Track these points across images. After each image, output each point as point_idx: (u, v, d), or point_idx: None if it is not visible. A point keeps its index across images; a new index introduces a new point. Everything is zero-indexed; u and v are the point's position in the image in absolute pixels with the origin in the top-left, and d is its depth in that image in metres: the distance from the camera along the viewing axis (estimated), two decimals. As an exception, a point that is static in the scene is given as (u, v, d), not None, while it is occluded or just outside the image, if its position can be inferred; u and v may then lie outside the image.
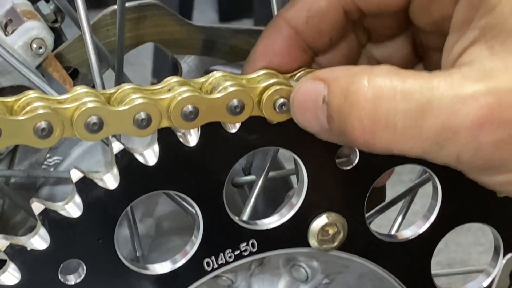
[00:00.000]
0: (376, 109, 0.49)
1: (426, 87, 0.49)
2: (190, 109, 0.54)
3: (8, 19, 0.71)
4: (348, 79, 0.51)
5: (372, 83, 0.50)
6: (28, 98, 0.52)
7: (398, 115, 0.49)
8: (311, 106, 0.53)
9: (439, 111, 0.48)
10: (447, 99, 0.48)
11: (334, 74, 0.52)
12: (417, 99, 0.49)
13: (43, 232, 0.55)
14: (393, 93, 0.49)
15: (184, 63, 0.79)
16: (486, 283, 0.68)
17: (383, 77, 0.50)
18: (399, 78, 0.49)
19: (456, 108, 0.48)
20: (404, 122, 0.49)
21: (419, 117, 0.49)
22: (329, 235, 0.61)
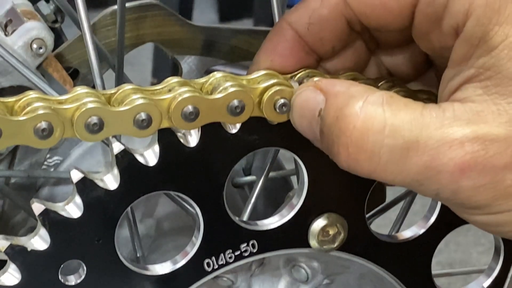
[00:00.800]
0: (363, 139, 0.50)
1: (416, 124, 0.50)
2: (191, 109, 0.54)
3: (8, 19, 0.71)
4: (344, 100, 0.51)
5: (365, 111, 0.50)
6: (28, 98, 0.52)
7: (383, 149, 0.50)
8: (308, 115, 0.54)
9: (424, 151, 0.49)
10: (434, 140, 0.49)
11: (335, 89, 0.53)
12: (404, 136, 0.50)
13: (43, 233, 0.55)
14: (383, 126, 0.50)
15: (184, 63, 0.79)
16: (486, 284, 0.68)
17: (377, 106, 0.50)
18: (392, 111, 0.50)
19: (441, 151, 0.49)
20: (389, 157, 0.50)
21: (403, 154, 0.50)
22: (330, 235, 0.61)
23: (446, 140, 0.49)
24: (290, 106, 0.55)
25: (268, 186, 0.78)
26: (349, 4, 0.55)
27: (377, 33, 0.59)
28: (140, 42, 0.76)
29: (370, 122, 0.50)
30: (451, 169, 0.49)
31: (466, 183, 0.49)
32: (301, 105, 0.54)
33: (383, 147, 0.50)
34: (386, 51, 0.60)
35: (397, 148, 0.50)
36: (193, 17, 2.61)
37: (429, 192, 0.51)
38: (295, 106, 0.55)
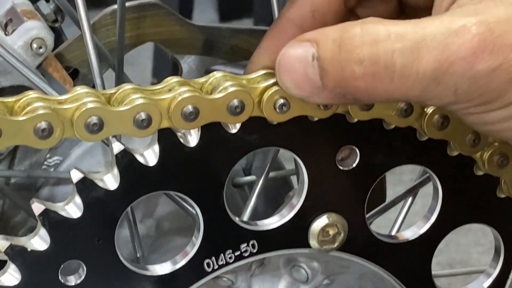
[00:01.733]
0: (374, 51, 0.50)
1: (419, 27, 0.50)
2: (191, 109, 0.54)
3: (8, 19, 0.71)
4: (339, 30, 0.51)
5: (366, 29, 0.50)
6: (28, 98, 0.52)
7: (395, 54, 0.50)
8: (299, 66, 0.52)
9: (433, 46, 0.49)
10: (440, 33, 0.49)
11: (320, 32, 0.52)
12: (411, 38, 0.50)
13: (43, 233, 0.55)
14: (388, 34, 0.50)
15: (184, 63, 0.79)
16: (486, 284, 0.68)
17: (375, 23, 0.51)
18: (391, 22, 0.51)
19: (450, 41, 0.49)
20: (402, 60, 0.50)
21: (415, 55, 0.50)
22: (330, 235, 0.61)
23: (452, 30, 0.49)
24: (276, 70, 0.53)
25: (268, 186, 0.78)
26: None
27: None
28: (140, 42, 0.76)
29: (376, 34, 0.50)
30: (463, 55, 0.49)
31: (481, 66, 0.49)
32: (289, 60, 0.52)
33: (395, 53, 0.50)
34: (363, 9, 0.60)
35: (407, 50, 0.50)
36: (193, 16, 2.61)
37: (448, 92, 0.50)
38: (281, 65, 0.53)
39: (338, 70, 0.50)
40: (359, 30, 0.50)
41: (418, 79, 0.50)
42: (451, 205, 0.64)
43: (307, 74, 0.52)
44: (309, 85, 0.52)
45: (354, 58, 0.50)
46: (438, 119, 0.59)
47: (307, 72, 0.52)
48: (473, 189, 0.64)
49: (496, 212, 0.66)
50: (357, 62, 0.50)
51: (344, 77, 0.50)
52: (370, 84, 0.50)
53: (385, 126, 0.59)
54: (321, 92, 0.52)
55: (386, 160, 0.61)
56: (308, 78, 0.52)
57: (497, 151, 0.62)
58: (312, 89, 0.52)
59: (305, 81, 0.52)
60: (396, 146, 0.61)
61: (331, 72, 0.51)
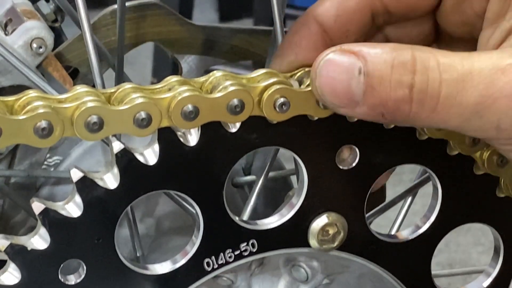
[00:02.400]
0: (424, 79, 0.51)
1: (467, 60, 0.51)
2: (190, 108, 0.54)
3: (8, 19, 0.71)
4: (390, 52, 0.52)
5: (418, 56, 0.51)
6: (28, 97, 0.52)
7: (442, 84, 0.51)
8: (343, 77, 0.52)
9: (479, 80, 0.50)
10: (487, 69, 0.50)
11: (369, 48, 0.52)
12: (458, 70, 0.51)
13: (43, 232, 0.55)
14: (437, 65, 0.51)
15: (184, 62, 0.79)
16: (486, 284, 0.68)
17: (426, 51, 0.52)
18: (440, 53, 0.52)
19: (495, 78, 0.50)
20: (447, 91, 0.51)
21: (460, 87, 0.51)
22: (329, 235, 0.61)
23: (499, 67, 0.50)
24: (315, 74, 0.53)
25: (268, 186, 0.78)
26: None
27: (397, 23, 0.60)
28: (140, 42, 0.76)
29: (427, 62, 0.51)
30: (508, 93, 0.50)
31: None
32: (333, 68, 0.52)
33: (442, 83, 0.51)
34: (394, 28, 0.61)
35: (453, 81, 0.51)
36: (193, 16, 2.61)
37: (490, 126, 0.51)
38: (324, 71, 0.53)
39: (387, 90, 0.51)
40: (410, 56, 0.51)
41: (460, 111, 0.51)
42: (450, 205, 0.64)
43: (350, 86, 0.52)
44: (348, 97, 0.52)
45: (405, 82, 0.51)
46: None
47: (351, 84, 0.52)
48: (472, 188, 0.64)
49: (496, 211, 0.66)
50: (408, 87, 0.51)
51: (391, 98, 0.51)
52: (414, 109, 0.51)
53: (385, 126, 0.59)
54: (358, 107, 0.52)
55: (385, 159, 0.61)
56: (350, 90, 0.52)
57: (497, 150, 0.62)
58: (349, 102, 0.52)
59: (345, 93, 0.52)
60: (395, 145, 0.61)
61: (379, 91, 0.51)
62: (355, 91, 0.52)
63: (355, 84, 0.52)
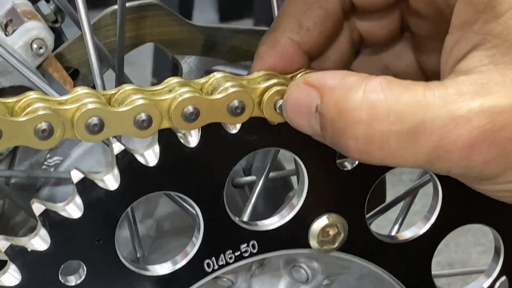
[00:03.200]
0: (370, 131, 0.50)
1: (420, 106, 0.49)
2: (191, 110, 0.54)
3: (9, 19, 0.71)
4: (342, 93, 0.51)
5: (367, 102, 0.50)
6: (28, 99, 0.52)
7: (391, 136, 0.50)
8: (303, 112, 0.53)
9: (431, 131, 0.49)
10: (440, 119, 0.49)
11: (327, 83, 0.52)
12: (410, 120, 0.49)
13: (43, 233, 0.55)
14: (387, 113, 0.50)
15: (184, 63, 0.79)
16: (486, 284, 0.68)
17: (378, 93, 0.50)
18: (393, 96, 0.50)
19: (449, 130, 0.49)
20: (398, 143, 0.50)
21: (411, 138, 0.49)
22: (330, 236, 0.61)
23: (452, 117, 0.49)
24: (283, 106, 0.54)
25: (268, 186, 0.78)
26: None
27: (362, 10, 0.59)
28: (140, 42, 0.76)
29: (375, 111, 0.50)
30: (460, 146, 0.49)
31: (477, 158, 0.49)
32: (294, 104, 0.54)
33: (391, 134, 0.50)
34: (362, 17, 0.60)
35: (404, 133, 0.49)
36: (193, 17, 2.61)
37: (441, 170, 0.51)
38: (288, 105, 0.54)
39: (336, 135, 0.51)
40: (359, 100, 0.50)
41: (413, 160, 0.50)
42: (451, 206, 0.64)
43: (310, 121, 0.53)
44: (310, 130, 0.53)
45: (350, 134, 0.50)
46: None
47: (310, 120, 0.53)
48: (472, 189, 0.64)
49: (496, 212, 0.66)
50: (352, 138, 0.50)
51: (339, 143, 0.51)
52: (364, 156, 0.51)
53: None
54: (321, 138, 0.53)
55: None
56: (311, 125, 0.53)
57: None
58: (313, 133, 0.53)
59: (307, 127, 0.53)
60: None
61: (329, 132, 0.52)
62: (315, 127, 0.53)
63: (313, 121, 0.52)
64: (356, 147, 0.51)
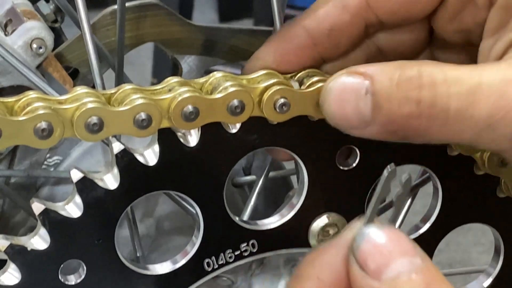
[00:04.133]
0: (432, 94, 0.50)
1: (475, 73, 0.50)
2: (191, 109, 0.54)
3: (8, 19, 0.71)
4: (397, 69, 0.51)
5: (424, 71, 0.51)
6: (28, 98, 0.52)
7: (451, 98, 0.50)
8: (351, 98, 0.52)
9: (489, 93, 0.49)
10: (497, 81, 0.50)
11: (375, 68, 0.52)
12: (466, 83, 0.50)
13: (43, 232, 0.55)
14: (445, 79, 0.50)
15: (184, 63, 0.79)
16: (486, 283, 0.68)
17: (433, 66, 0.51)
18: (448, 67, 0.51)
19: (506, 90, 0.49)
20: (457, 104, 0.50)
21: (470, 99, 0.50)
22: (330, 235, 0.61)
23: (509, 78, 0.49)
24: (324, 96, 0.53)
25: (268, 186, 0.78)
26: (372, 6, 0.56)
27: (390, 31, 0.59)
28: (140, 42, 0.76)
29: (434, 77, 0.50)
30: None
31: None
32: (341, 90, 0.52)
33: (451, 97, 0.50)
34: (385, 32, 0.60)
35: (463, 95, 0.50)
36: (193, 17, 2.61)
37: (503, 139, 0.51)
38: (333, 93, 0.53)
39: (395, 107, 0.51)
40: (417, 71, 0.50)
41: (472, 124, 0.50)
42: (451, 205, 0.64)
43: (358, 106, 0.52)
44: (357, 118, 0.52)
45: (412, 98, 0.50)
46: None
47: (359, 104, 0.52)
48: (473, 189, 0.64)
49: (496, 212, 0.66)
50: (415, 103, 0.50)
51: (399, 115, 0.51)
52: (424, 124, 0.51)
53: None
54: (369, 126, 0.52)
55: (386, 159, 0.61)
56: (359, 111, 0.52)
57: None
58: (360, 122, 0.52)
59: (355, 114, 0.52)
60: (396, 146, 0.60)
61: (386, 108, 0.51)
62: (364, 111, 0.52)
63: (363, 104, 0.51)
64: (418, 112, 0.50)
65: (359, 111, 0.52)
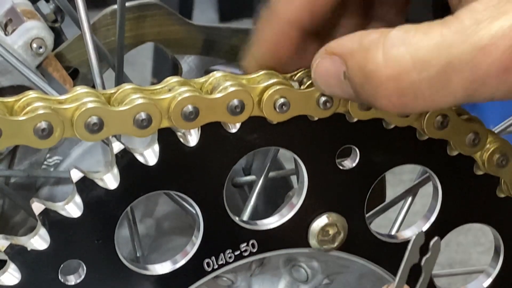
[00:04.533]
0: (400, 85, 0.50)
1: (442, 48, 0.49)
2: (190, 109, 0.54)
3: (8, 19, 0.71)
4: (363, 56, 0.51)
5: (388, 58, 0.50)
6: (28, 98, 0.52)
7: (422, 83, 0.49)
8: (334, 81, 0.53)
9: (461, 68, 0.49)
10: (466, 54, 0.48)
11: (348, 48, 0.52)
12: (436, 64, 0.49)
13: (43, 232, 0.55)
14: (412, 64, 0.49)
15: (184, 62, 0.79)
16: (486, 284, 0.68)
17: (398, 47, 0.49)
18: (412, 45, 0.49)
19: (478, 61, 0.48)
20: (430, 88, 0.49)
21: (443, 81, 0.49)
22: (329, 235, 0.61)
23: (478, 48, 0.48)
24: (313, 81, 0.55)
25: (268, 186, 0.78)
26: None
27: None
28: (140, 42, 0.76)
29: (398, 65, 0.49)
30: (495, 73, 0.48)
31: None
32: (323, 75, 0.54)
33: (422, 82, 0.49)
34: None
35: (434, 78, 0.49)
36: (193, 16, 2.61)
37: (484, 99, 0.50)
38: (318, 79, 0.54)
39: (369, 97, 0.51)
40: (381, 59, 0.50)
41: (451, 98, 0.50)
42: (451, 205, 0.64)
43: (343, 88, 0.53)
44: (348, 95, 0.53)
45: (381, 94, 0.50)
46: (438, 119, 0.59)
47: (343, 87, 0.53)
48: (473, 189, 0.64)
49: (496, 212, 0.66)
50: (385, 97, 0.50)
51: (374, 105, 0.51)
52: (401, 110, 0.51)
53: (385, 126, 0.59)
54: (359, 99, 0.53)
55: (386, 159, 0.61)
56: (345, 90, 0.53)
57: (497, 150, 0.62)
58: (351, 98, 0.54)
59: (343, 92, 0.53)
60: (396, 145, 0.61)
61: (364, 95, 0.51)
62: (349, 91, 0.52)
63: (346, 87, 0.52)
64: (391, 104, 0.50)
65: (346, 92, 0.53)
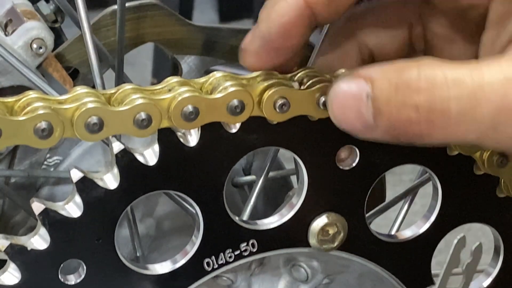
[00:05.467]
0: (430, 98, 0.49)
1: (476, 73, 0.49)
2: (191, 109, 0.54)
3: (8, 19, 0.71)
4: (396, 72, 0.51)
5: (423, 73, 0.50)
6: (28, 98, 0.52)
7: (451, 101, 0.49)
8: (353, 103, 0.52)
9: (491, 94, 0.49)
10: (498, 81, 0.49)
11: (377, 70, 0.51)
12: (468, 85, 0.49)
13: (43, 232, 0.55)
14: (445, 81, 0.49)
15: (184, 63, 0.79)
16: (486, 283, 0.68)
17: (433, 67, 0.50)
18: (448, 67, 0.50)
19: (508, 91, 0.49)
20: (459, 108, 0.49)
21: (472, 102, 0.49)
22: (329, 235, 0.61)
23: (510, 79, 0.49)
24: (328, 103, 0.53)
25: (268, 186, 0.78)
26: None
27: None
28: (140, 42, 0.76)
29: (433, 80, 0.49)
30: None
31: None
32: (343, 96, 0.52)
33: (451, 100, 0.49)
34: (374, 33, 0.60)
35: (464, 98, 0.49)
36: (193, 17, 2.61)
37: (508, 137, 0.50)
38: (335, 100, 0.53)
39: (394, 113, 0.50)
40: (416, 73, 0.50)
41: (475, 126, 0.50)
42: (450, 205, 0.64)
43: (360, 112, 0.51)
44: (361, 123, 0.52)
45: (410, 103, 0.50)
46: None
47: (361, 110, 0.51)
48: (472, 189, 0.64)
49: (496, 211, 0.66)
50: (413, 108, 0.50)
51: (399, 120, 0.51)
52: (425, 130, 0.50)
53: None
54: (373, 130, 0.52)
55: (386, 159, 0.61)
56: (361, 116, 0.52)
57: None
58: (364, 127, 0.52)
59: (357, 119, 0.52)
60: (396, 145, 0.61)
61: (386, 113, 0.51)
62: (366, 117, 0.51)
63: (365, 110, 0.51)
64: (417, 117, 0.50)
65: (362, 117, 0.52)
